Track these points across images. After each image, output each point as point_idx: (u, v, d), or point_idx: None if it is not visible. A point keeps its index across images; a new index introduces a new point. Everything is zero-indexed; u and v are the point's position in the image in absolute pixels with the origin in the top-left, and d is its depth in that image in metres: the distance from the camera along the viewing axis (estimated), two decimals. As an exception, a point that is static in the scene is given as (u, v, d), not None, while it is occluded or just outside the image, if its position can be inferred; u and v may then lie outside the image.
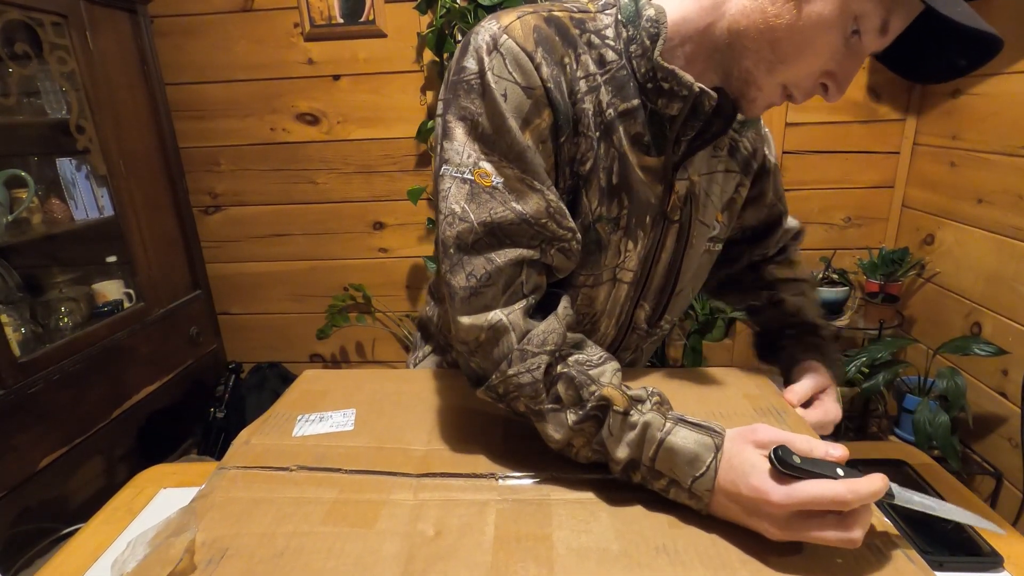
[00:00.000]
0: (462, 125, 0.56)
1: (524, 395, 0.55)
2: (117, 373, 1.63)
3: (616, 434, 0.51)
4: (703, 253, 0.74)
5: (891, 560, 0.45)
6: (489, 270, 0.55)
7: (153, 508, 0.59)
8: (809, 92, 0.57)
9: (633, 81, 0.59)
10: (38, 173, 1.60)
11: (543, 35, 0.56)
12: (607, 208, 0.62)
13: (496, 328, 0.55)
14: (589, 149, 0.59)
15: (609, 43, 0.59)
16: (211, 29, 1.90)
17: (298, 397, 0.71)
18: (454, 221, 0.55)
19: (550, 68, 0.55)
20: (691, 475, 0.48)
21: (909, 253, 1.82)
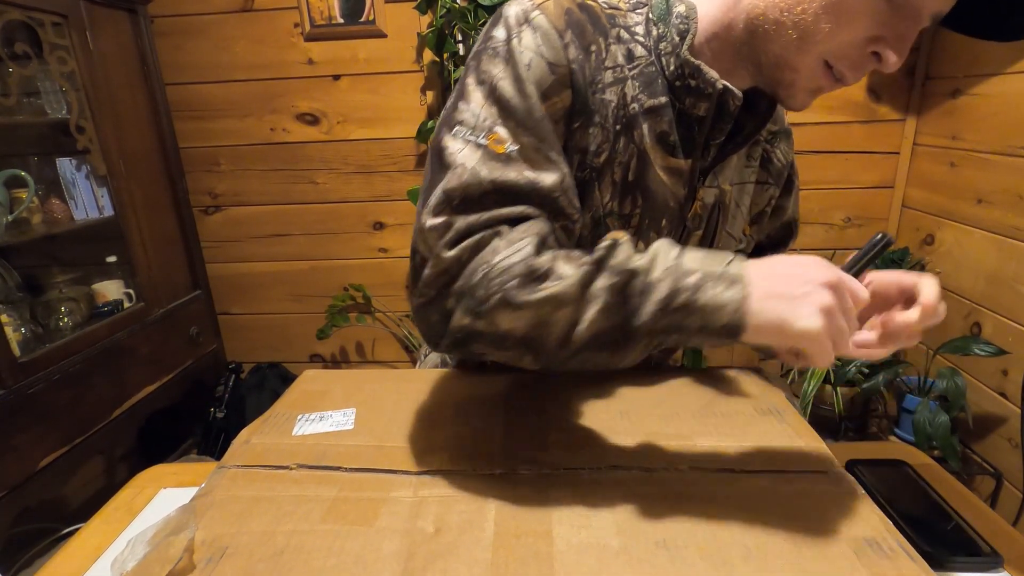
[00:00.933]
0: (481, 89, 0.53)
1: (512, 276, 0.47)
2: (117, 373, 1.63)
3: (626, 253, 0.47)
4: None
5: (891, 559, 0.45)
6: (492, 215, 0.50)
7: (153, 508, 0.59)
8: (858, 65, 0.51)
9: (661, 78, 0.58)
10: (38, 173, 1.60)
11: (574, 18, 0.55)
12: (619, 204, 0.60)
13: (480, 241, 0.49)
14: (605, 141, 0.57)
15: (639, 39, 0.58)
16: (211, 29, 1.90)
17: (298, 397, 0.71)
18: (464, 173, 0.51)
19: (577, 52, 0.54)
20: (721, 261, 0.45)
21: (909, 253, 1.82)
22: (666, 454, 0.58)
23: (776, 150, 0.70)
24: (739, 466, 0.56)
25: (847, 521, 0.49)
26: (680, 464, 0.56)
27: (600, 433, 0.61)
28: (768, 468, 0.56)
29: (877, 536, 0.47)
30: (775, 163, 0.70)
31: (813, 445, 0.60)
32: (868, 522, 0.49)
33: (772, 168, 0.70)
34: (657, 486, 0.53)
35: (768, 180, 0.70)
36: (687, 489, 0.53)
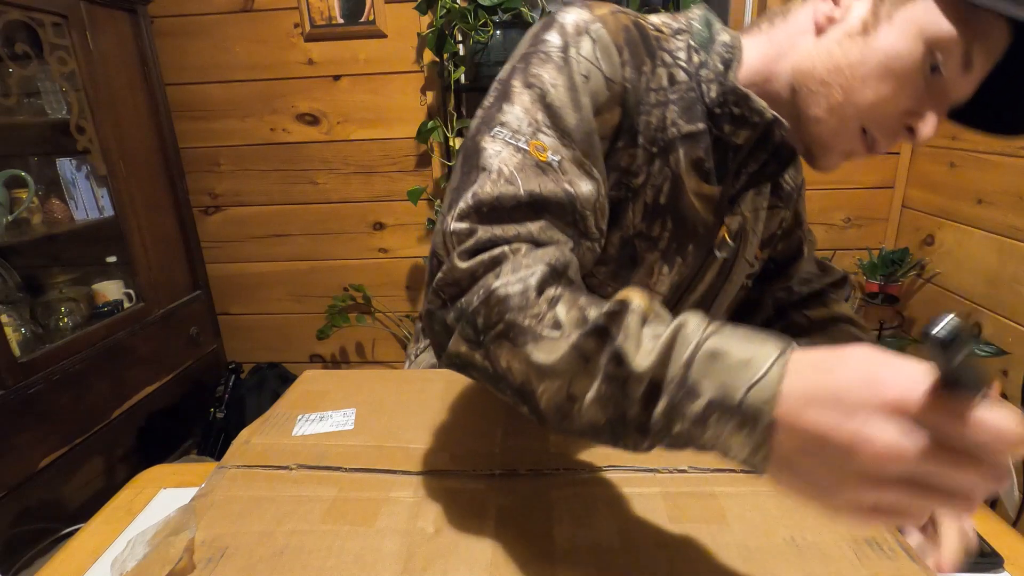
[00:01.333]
0: (529, 92, 0.50)
1: (511, 310, 0.40)
2: (117, 373, 1.63)
3: (635, 335, 0.36)
4: (741, 288, 0.74)
5: (892, 560, 0.45)
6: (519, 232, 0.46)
7: (153, 508, 0.59)
8: (892, 135, 0.53)
9: (701, 105, 0.58)
10: (38, 173, 1.60)
11: (631, 37, 0.55)
12: (648, 226, 0.60)
13: (496, 258, 0.43)
14: (643, 163, 0.57)
15: (681, 64, 0.58)
16: (211, 29, 1.90)
17: (298, 397, 0.71)
18: (499, 180, 0.47)
19: (631, 71, 0.54)
20: (745, 380, 0.32)
21: (909, 253, 1.82)
22: (666, 454, 0.58)
23: (786, 175, 0.71)
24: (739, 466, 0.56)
25: (848, 522, 0.49)
26: (680, 464, 0.56)
27: (600, 433, 0.61)
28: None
29: (877, 537, 0.47)
30: (784, 188, 0.71)
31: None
32: (868, 522, 0.49)
33: (782, 193, 0.71)
34: (657, 486, 0.53)
35: (779, 204, 0.71)
36: (687, 489, 0.53)
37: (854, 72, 0.50)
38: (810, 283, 0.79)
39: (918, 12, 0.48)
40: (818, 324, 0.75)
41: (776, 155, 0.61)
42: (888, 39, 0.49)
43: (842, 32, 0.51)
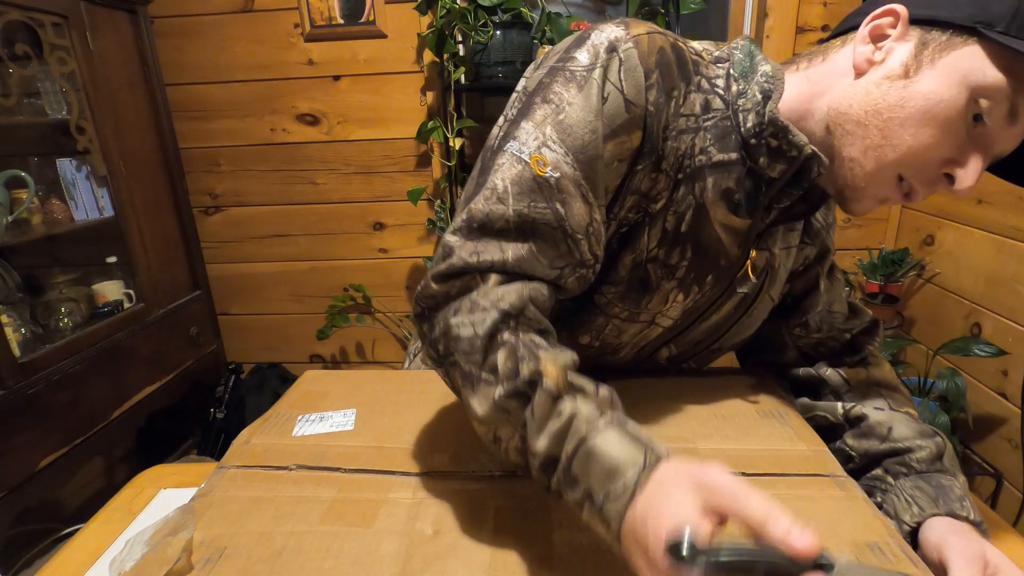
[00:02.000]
0: (546, 108, 0.52)
1: (459, 351, 0.47)
2: (117, 373, 1.63)
3: (539, 418, 0.43)
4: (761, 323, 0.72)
5: (892, 561, 0.45)
6: (495, 260, 0.49)
7: (153, 508, 0.59)
8: (931, 183, 0.51)
9: (736, 134, 0.56)
10: (38, 174, 1.60)
11: (665, 60, 0.53)
12: (666, 253, 0.59)
13: (467, 284, 0.49)
14: (665, 188, 0.56)
15: (719, 91, 0.57)
16: (211, 29, 1.90)
17: (298, 397, 0.71)
18: (492, 197, 0.50)
19: (658, 95, 0.53)
20: (605, 489, 0.39)
21: (909, 254, 1.82)
22: (666, 455, 0.58)
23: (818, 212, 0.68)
24: (741, 469, 0.56)
25: (849, 525, 0.49)
26: (680, 465, 0.56)
27: (600, 434, 0.61)
28: (770, 471, 0.56)
29: (879, 541, 0.47)
30: (814, 225, 0.69)
31: (815, 448, 0.60)
32: (870, 526, 0.49)
33: (811, 230, 0.69)
34: (657, 487, 0.53)
35: (806, 240, 0.69)
36: (687, 490, 0.53)
37: (892, 115, 0.49)
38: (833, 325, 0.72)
39: (963, 58, 0.47)
40: (857, 388, 0.70)
41: (806, 197, 0.59)
42: (930, 84, 0.47)
43: (882, 75, 0.50)
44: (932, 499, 0.55)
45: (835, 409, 0.67)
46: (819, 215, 0.69)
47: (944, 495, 0.55)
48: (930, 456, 0.60)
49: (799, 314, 0.72)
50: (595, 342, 0.67)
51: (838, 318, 0.72)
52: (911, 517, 0.55)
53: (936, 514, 0.54)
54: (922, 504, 0.55)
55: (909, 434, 0.62)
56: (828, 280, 0.73)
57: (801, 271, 0.70)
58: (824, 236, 0.70)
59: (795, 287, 0.72)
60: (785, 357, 0.75)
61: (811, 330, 0.72)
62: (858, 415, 0.65)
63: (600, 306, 0.62)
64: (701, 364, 0.77)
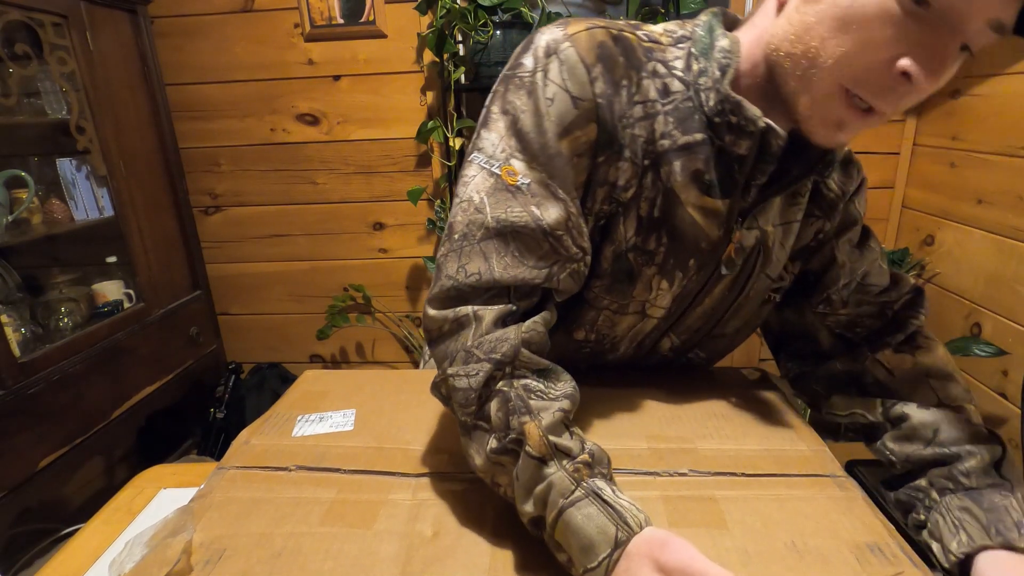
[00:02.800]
0: (504, 119, 0.54)
1: (456, 403, 0.50)
2: (117, 373, 1.63)
3: (524, 481, 0.46)
4: (762, 303, 0.68)
5: (892, 562, 0.45)
6: (481, 271, 0.51)
7: (153, 509, 0.59)
8: (883, 90, 0.46)
9: (700, 114, 0.55)
10: (38, 173, 1.60)
11: (607, 52, 0.54)
12: (643, 240, 0.59)
13: (460, 321, 0.51)
14: (633, 176, 0.56)
15: (676, 73, 0.56)
16: (211, 29, 1.90)
17: (298, 398, 0.71)
18: (469, 208, 0.53)
19: (605, 86, 0.53)
20: (584, 565, 0.42)
21: (909, 254, 1.82)
22: (667, 457, 0.58)
23: (828, 180, 0.64)
24: (740, 469, 0.56)
25: (849, 526, 0.49)
26: (680, 467, 0.56)
27: (601, 436, 0.61)
28: (770, 472, 0.56)
29: (879, 541, 0.47)
30: (826, 194, 0.64)
31: (815, 447, 0.60)
32: (870, 527, 0.49)
33: (823, 202, 0.64)
34: (658, 490, 0.53)
35: (816, 213, 0.64)
36: (688, 493, 0.53)
37: (813, 33, 0.46)
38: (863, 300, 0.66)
39: None
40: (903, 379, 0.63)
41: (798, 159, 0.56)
42: None
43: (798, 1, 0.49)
44: (983, 526, 0.50)
45: (874, 406, 0.62)
46: (834, 184, 0.64)
47: (998, 519, 0.50)
48: (981, 466, 0.53)
49: (820, 291, 0.67)
50: (591, 335, 0.67)
51: (872, 290, 0.66)
52: (958, 546, 0.49)
53: (988, 546, 0.49)
54: (971, 532, 0.50)
55: (959, 437, 0.55)
56: (859, 251, 0.67)
57: (816, 247, 0.66)
58: (842, 207, 0.65)
59: (812, 264, 0.67)
60: (819, 342, 0.70)
61: (836, 306, 0.67)
62: (899, 414, 0.60)
63: (589, 300, 0.62)
64: (710, 354, 0.74)
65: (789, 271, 0.67)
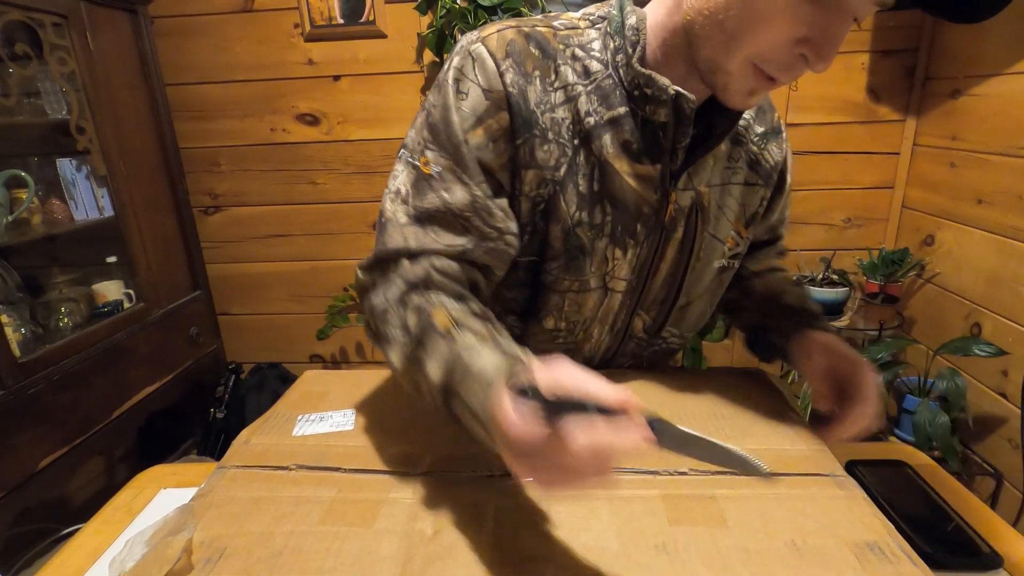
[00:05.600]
0: (421, 116, 0.61)
1: (377, 320, 0.57)
2: (117, 373, 1.63)
3: (430, 351, 0.50)
4: (721, 269, 0.72)
5: (894, 564, 0.45)
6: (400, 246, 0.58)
7: (153, 509, 0.59)
8: (784, 65, 0.51)
9: (620, 90, 0.60)
10: (38, 173, 1.60)
11: (516, 48, 0.59)
12: (588, 214, 0.62)
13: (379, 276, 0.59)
14: (562, 156, 0.60)
15: (595, 55, 0.61)
16: (211, 30, 1.90)
17: (298, 397, 0.71)
18: (396, 199, 0.60)
19: (515, 76, 0.58)
20: (483, 403, 0.43)
21: (909, 254, 1.82)
22: (667, 456, 0.57)
23: (765, 151, 0.70)
24: (739, 467, 0.55)
25: (849, 525, 0.49)
26: (680, 466, 0.56)
27: (600, 434, 0.61)
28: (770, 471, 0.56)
29: (879, 540, 0.47)
30: (764, 164, 0.70)
31: (814, 447, 0.60)
32: (870, 526, 0.49)
33: (761, 169, 0.70)
34: (657, 489, 0.53)
35: (757, 181, 0.70)
36: (687, 492, 0.53)
37: (724, 10, 0.50)
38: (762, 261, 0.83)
39: None
40: (753, 273, 0.81)
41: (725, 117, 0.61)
42: None
43: None
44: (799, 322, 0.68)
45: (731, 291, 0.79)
46: (769, 153, 0.70)
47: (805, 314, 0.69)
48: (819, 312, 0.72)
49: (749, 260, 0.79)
50: (560, 323, 0.69)
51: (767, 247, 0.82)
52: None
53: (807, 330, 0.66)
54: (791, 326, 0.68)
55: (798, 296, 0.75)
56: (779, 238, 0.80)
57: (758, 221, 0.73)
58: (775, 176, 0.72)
59: (759, 236, 0.77)
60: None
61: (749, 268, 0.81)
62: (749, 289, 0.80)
63: (548, 284, 0.66)
64: (683, 331, 0.76)
65: (744, 237, 0.72)
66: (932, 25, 1.73)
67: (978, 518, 0.55)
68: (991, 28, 1.52)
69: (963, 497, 0.59)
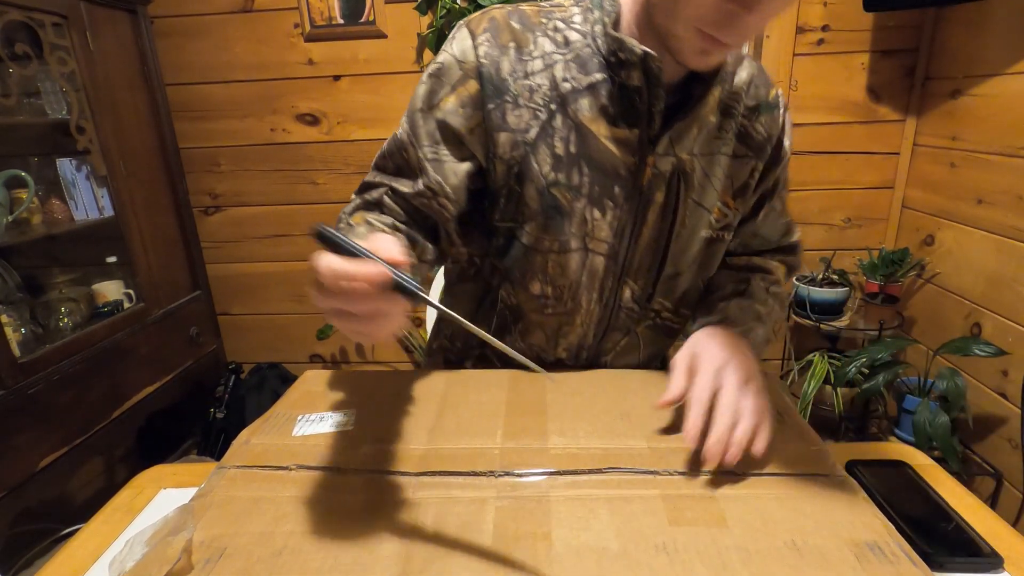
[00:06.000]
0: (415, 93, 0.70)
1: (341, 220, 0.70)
2: (117, 373, 1.63)
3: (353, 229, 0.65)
4: (709, 240, 0.73)
5: (894, 564, 0.45)
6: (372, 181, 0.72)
7: (153, 509, 0.59)
8: (718, 23, 0.53)
9: (598, 58, 0.64)
10: (38, 173, 1.60)
11: (495, 24, 0.65)
12: (566, 176, 0.66)
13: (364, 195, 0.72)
14: (533, 119, 0.65)
15: (575, 27, 0.66)
16: (211, 29, 1.90)
17: (299, 397, 0.71)
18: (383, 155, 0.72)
19: (488, 49, 0.64)
20: None
21: (909, 254, 1.82)
22: (666, 456, 0.58)
23: (756, 124, 0.71)
24: (739, 468, 0.56)
25: (849, 525, 0.49)
26: (680, 466, 0.56)
27: (600, 435, 0.61)
28: (769, 471, 0.56)
29: (879, 540, 0.47)
30: (755, 136, 0.72)
31: (815, 447, 0.60)
32: (870, 526, 0.49)
33: (752, 142, 0.72)
34: (657, 488, 0.53)
35: (748, 153, 0.72)
36: (687, 491, 0.53)
37: None
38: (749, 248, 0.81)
39: None
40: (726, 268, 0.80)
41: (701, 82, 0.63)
42: None
43: None
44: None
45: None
46: (760, 125, 0.71)
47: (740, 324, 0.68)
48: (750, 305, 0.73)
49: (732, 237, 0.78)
50: (547, 287, 0.72)
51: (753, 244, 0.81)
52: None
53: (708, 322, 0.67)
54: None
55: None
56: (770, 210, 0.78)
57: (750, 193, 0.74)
58: (770, 149, 0.73)
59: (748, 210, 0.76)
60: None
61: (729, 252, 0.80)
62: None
63: (529, 246, 0.70)
64: (675, 304, 0.78)
65: (733, 208, 0.73)
66: (932, 25, 1.73)
67: (978, 518, 0.54)
68: (991, 28, 1.52)
69: (963, 497, 0.59)
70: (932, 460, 0.66)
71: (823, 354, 1.78)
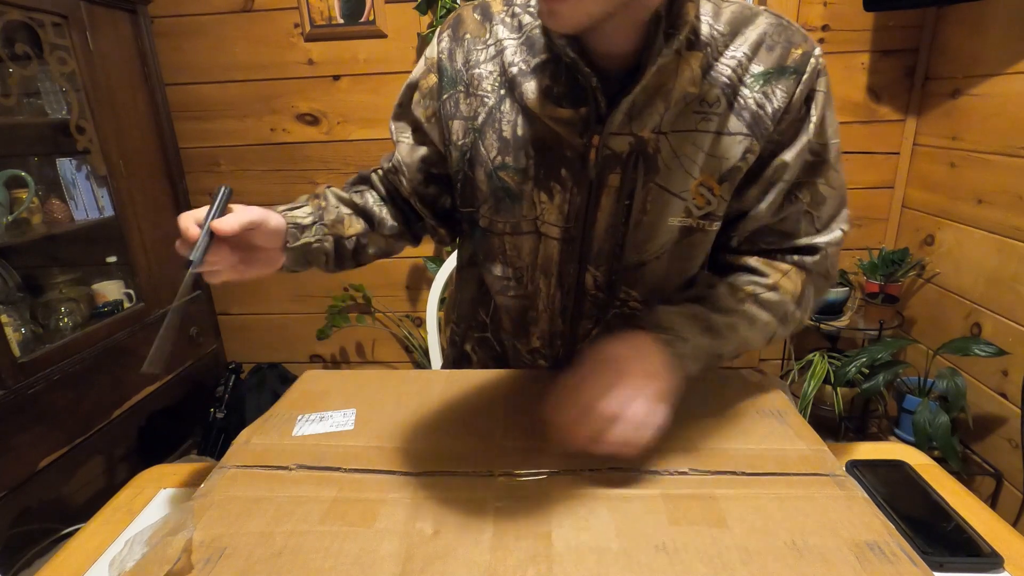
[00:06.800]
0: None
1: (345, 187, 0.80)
2: (117, 373, 1.63)
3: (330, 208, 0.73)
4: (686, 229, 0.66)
5: (893, 564, 0.45)
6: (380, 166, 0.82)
7: (153, 508, 0.59)
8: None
9: (547, 39, 0.63)
10: (38, 173, 1.60)
11: (458, 19, 0.70)
12: (513, 159, 0.66)
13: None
14: (480, 106, 0.67)
15: (531, 10, 0.66)
16: (211, 29, 1.90)
17: (299, 397, 0.71)
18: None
19: (449, 42, 0.69)
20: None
21: (909, 254, 1.82)
22: (667, 456, 0.58)
23: (765, 93, 0.60)
24: (740, 468, 0.56)
25: (849, 525, 0.49)
26: (681, 466, 0.56)
27: (600, 434, 0.61)
28: (769, 471, 0.56)
29: (879, 540, 0.47)
30: (750, 106, 0.61)
31: (814, 447, 0.60)
32: (870, 526, 0.49)
33: (744, 113, 0.61)
34: (658, 488, 0.53)
35: (741, 131, 0.61)
36: (688, 491, 0.53)
37: None
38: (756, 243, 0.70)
39: None
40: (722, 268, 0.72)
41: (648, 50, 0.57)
42: None
43: None
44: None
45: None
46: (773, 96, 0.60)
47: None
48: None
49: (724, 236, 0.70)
50: (508, 269, 0.73)
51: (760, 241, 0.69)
52: None
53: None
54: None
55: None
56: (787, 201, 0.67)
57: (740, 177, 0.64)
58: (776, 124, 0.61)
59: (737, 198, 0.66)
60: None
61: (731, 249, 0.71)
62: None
63: (485, 228, 0.72)
64: (643, 294, 0.70)
65: (718, 195, 0.64)
66: (932, 25, 1.73)
67: (978, 518, 0.54)
68: (991, 28, 1.52)
69: (963, 497, 0.59)
70: (932, 460, 0.66)
71: (823, 354, 1.78)
